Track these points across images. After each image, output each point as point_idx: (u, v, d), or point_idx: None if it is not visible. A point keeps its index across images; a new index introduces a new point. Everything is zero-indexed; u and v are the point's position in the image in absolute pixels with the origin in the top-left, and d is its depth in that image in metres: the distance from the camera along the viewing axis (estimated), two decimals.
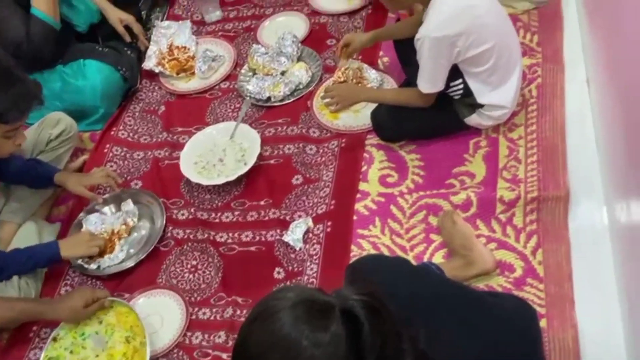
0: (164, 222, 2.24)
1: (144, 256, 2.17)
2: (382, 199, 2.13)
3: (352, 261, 1.74)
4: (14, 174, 2.19)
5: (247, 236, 2.18)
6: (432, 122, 2.17)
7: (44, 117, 2.37)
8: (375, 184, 2.18)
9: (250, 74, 2.66)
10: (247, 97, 2.57)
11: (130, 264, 2.16)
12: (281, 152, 2.39)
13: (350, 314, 1.03)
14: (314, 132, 2.41)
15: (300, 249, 2.08)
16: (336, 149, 2.32)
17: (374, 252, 1.99)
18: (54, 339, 1.98)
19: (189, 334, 1.98)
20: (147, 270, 2.16)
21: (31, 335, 2.07)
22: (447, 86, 2.02)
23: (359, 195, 2.16)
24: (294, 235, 2.10)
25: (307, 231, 2.11)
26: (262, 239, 2.16)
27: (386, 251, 2.00)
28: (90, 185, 2.27)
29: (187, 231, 2.24)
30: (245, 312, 1.98)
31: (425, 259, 1.95)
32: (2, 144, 1.95)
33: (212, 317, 2.01)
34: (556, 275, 1.83)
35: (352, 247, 2.03)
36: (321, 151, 2.34)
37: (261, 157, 2.35)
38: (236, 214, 2.25)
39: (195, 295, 2.07)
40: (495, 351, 1.33)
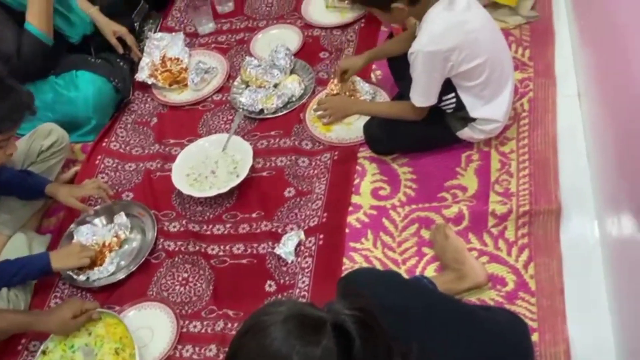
0: (155, 234, 2.24)
1: (134, 268, 2.16)
2: (375, 212, 2.13)
3: (344, 274, 1.74)
4: (4, 184, 2.18)
5: (238, 249, 2.17)
6: (425, 135, 2.17)
7: (35, 128, 2.36)
8: (367, 197, 2.17)
9: (243, 86, 2.66)
10: (240, 109, 2.57)
11: (120, 276, 2.15)
12: (273, 165, 2.38)
13: (341, 329, 1.03)
14: (307, 144, 2.41)
15: (292, 262, 2.07)
16: (328, 162, 2.32)
17: (366, 265, 1.99)
18: (43, 352, 1.97)
19: (180, 347, 1.97)
20: (138, 282, 2.15)
21: (20, 348, 2.05)
22: (439, 100, 2.03)
23: (351, 208, 2.15)
24: (286, 248, 2.09)
25: (299, 244, 2.11)
26: (254, 252, 2.15)
27: (378, 264, 1.99)
28: (81, 196, 2.27)
29: (179, 243, 2.23)
30: (236, 325, 1.97)
31: (417, 273, 1.95)
32: None
33: (203, 330, 2.00)
34: (548, 289, 1.83)
35: (344, 260, 2.02)
36: (314, 164, 2.34)
37: (253, 169, 2.34)
38: (228, 226, 2.24)
39: (186, 308, 2.06)
40: None
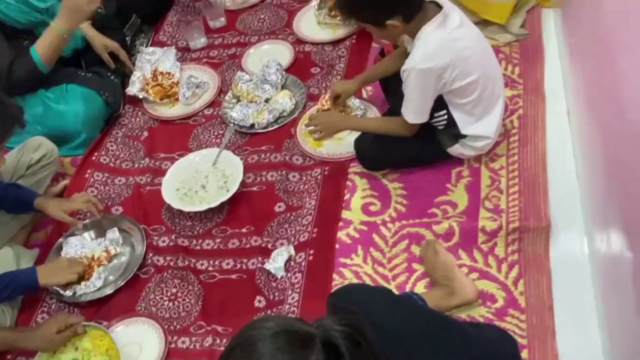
0: (145, 248, 2.22)
1: (123, 283, 2.14)
2: (365, 228, 2.13)
3: (335, 290, 1.73)
4: None
5: (228, 264, 2.16)
6: (415, 151, 2.18)
7: (24, 142, 2.34)
8: (358, 212, 2.17)
9: (234, 100, 2.66)
10: (231, 124, 2.57)
11: (108, 291, 2.13)
12: (264, 179, 2.38)
13: (331, 344, 1.02)
14: (297, 159, 2.41)
15: (281, 278, 2.06)
16: (319, 177, 2.32)
17: (356, 281, 1.98)
18: None
19: None
20: (126, 297, 2.13)
21: None
22: (431, 116, 2.03)
23: (341, 223, 2.15)
24: (276, 263, 2.08)
25: (289, 259, 2.10)
26: (243, 267, 2.14)
27: (368, 280, 1.98)
28: (70, 210, 2.25)
29: (168, 258, 2.21)
30: (225, 341, 1.95)
31: (407, 289, 1.94)
32: None
33: (192, 346, 1.98)
34: (537, 306, 1.83)
35: (334, 276, 2.01)
36: (304, 179, 2.34)
37: (244, 184, 2.34)
38: (217, 241, 2.23)
39: (174, 323, 2.04)
40: None
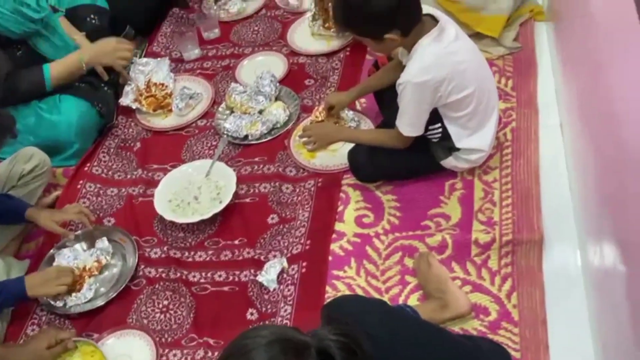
0: (136, 260, 2.21)
1: (114, 295, 2.13)
2: (358, 240, 2.12)
3: (329, 301, 1.72)
4: None
5: (220, 276, 2.15)
6: (409, 164, 2.18)
7: (17, 152, 2.33)
8: (351, 225, 2.17)
9: (227, 112, 2.66)
10: (224, 135, 2.57)
11: (100, 302, 2.11)
12: (257, 191, 2.37)
13: (326, 354, 1.02)
14: (291, 171, 2.40)
15: (274, 290, 2.05)
16: (312, 189, 2.32)
17: (349, 293, 1.97)
18: None
19: None
20: (118, 309, 2.12)
21: None
22: (425, 129, 2.03)
23: (334, 235, 2.14)
24: (268, 275, 2.07)
25: (282, 272, 2.09)
26: (236, 279, 2.13)
27: (361, 293, 1.97)
28: (62, 221, 2.24)
29: (160, 270, 2.20)
30: (216, 353, 1.94)
31: (400, 301, 1.93)
32: None
33: (183, 359, 1.96)
34: (530, 319, 1.83)
35: (327, 289, 2.00)
36: (297, 190, 2.33)
37: (237, 195, 2.33)
38: (210, 253, 2.22)
39: (166, 336, 2.03)
40: None
